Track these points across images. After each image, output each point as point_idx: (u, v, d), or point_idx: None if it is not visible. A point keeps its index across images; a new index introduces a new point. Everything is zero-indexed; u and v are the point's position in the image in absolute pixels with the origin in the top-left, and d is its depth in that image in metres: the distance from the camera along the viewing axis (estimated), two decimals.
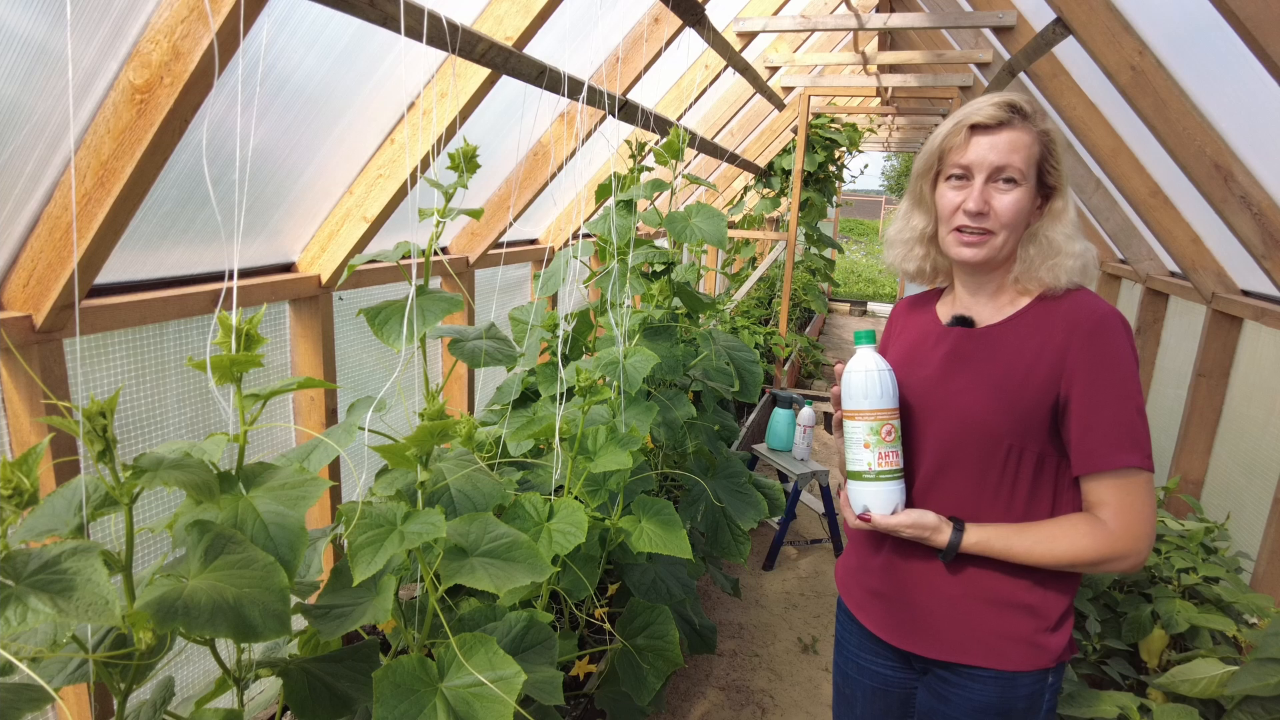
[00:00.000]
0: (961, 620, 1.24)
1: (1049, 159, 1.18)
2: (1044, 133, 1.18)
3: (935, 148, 1.22)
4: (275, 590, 1.02)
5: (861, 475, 1.22)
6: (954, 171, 1.20)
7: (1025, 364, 1.18)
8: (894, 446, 1.21)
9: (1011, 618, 1.21)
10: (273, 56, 1.58)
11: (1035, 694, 1.23)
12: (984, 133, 1.17)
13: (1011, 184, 1.17)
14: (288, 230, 2.06)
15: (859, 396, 1.21)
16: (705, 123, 4.38)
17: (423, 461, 1.22)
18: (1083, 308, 1.18)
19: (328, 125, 1.87)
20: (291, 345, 2.22)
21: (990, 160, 1.16)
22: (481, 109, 2.27)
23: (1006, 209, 1.17)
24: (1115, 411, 1.13)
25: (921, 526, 1.21)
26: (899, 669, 1.37)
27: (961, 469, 1.22)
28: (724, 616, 3.26)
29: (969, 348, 1.25)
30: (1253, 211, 2.12)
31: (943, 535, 1.21)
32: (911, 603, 1.29)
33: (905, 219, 1.34)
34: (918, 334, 1.35)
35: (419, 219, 1.50)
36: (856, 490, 1.24)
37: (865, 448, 1.21)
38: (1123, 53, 2.22)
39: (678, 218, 2.34)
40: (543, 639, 1.45)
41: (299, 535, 1.10)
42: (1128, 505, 1.14)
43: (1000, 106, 1.17)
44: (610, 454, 1.75)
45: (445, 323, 3.07)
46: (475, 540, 1.27)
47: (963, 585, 1.23)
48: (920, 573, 1.27)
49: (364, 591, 1.30)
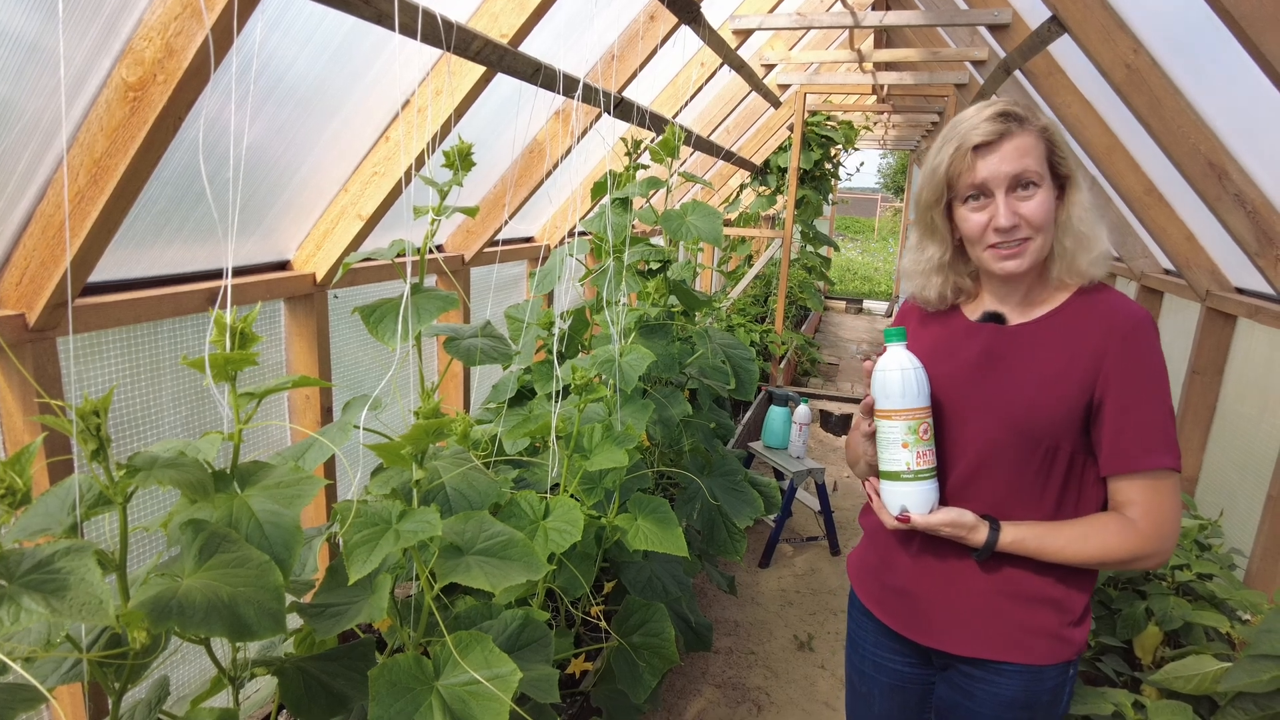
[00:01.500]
0: (990, 616, 1.25)
1: (1055, 151, 1.19)
2: (1043, 129, 1.18)
3: (941, 176, 1.21)
4: (270, 589, 1.02)
5: (899, 475, 1.21)
6: (969, 194, 1.19)
7: (1063, 363, 1.18)
8: (929, 445, 1.21)
9: (1039, 612, 1.23)
10: (267, 54, 1.57)
11: (1059, 686, 1.25)
12: (988, 150, 1.16)
13: (1032, 187, 1.16)
14: (283, 228, 2.05)
15: (896, 396, 1.20)
16: (701, 120, 4.38)
17: (418, 460, 1.22)
18: (1118, 311, 1.18)
19: (322, 123, 1.87)
20: (287, 343, 2.22)
21: (1005, 172, 1.16)
22: (477, 106, 2.27)
23: (1035, 213, 1.17)
24: (1149, 413, 1.15)
25: (960, 525, 1.21)
26: (917, 665, 1.38)
27: (1000, 467, 1.22)
28: (720, 614, 3.26)
29: (1004, 345, 1.24)
30: (1247, 209, 2.13)
31: (980, 534, 1.21)
32: (939, 600, 1.29)
33: (919, 250, 1.32)
34: (941, 328, 1.33)
35: (414, 217, 1.50)
36: (892, 490, 1.22)
37: (904, 448, 1.20)
38: (1117, 51, 2.22)
39: (673, 215, 2.34)
40: (538, 637, 1.45)
41: (294, 534, 1.10)
42: (1157, 505, 1.15)
43: (995, 119, 1.16)
44: (606, 452, 1.75)
45: (441, 320, 3.07)
46: (471, 539, 1.27)
47: (992, 582, 1.24)
48: (951, 570, 1.27)
49: (359, 590, 1.30)
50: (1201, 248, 2.83)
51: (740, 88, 4.31)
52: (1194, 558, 2.12)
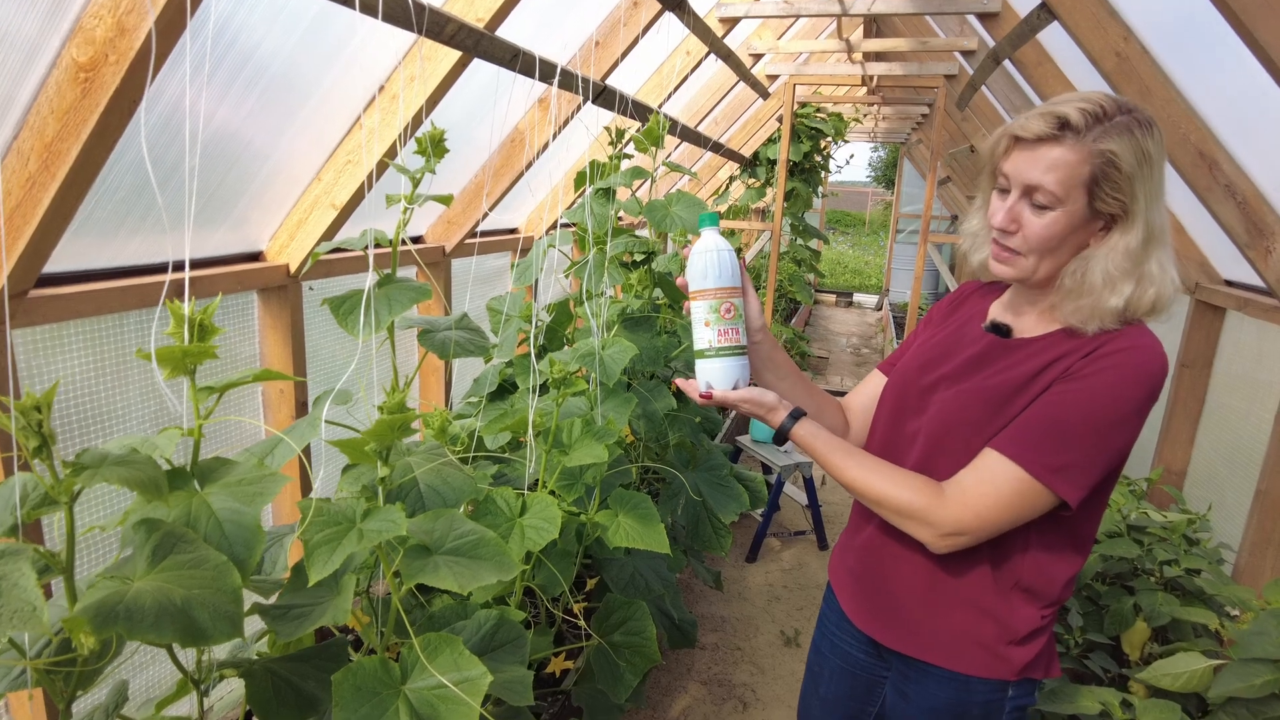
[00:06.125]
0: (927, 614, 1.21)
1: (1105, 183, 1.04)
2: (1102, 153, 1.03)
3: (988, 150, 1.16)
4: (227, 591, 0.97)
5: (704, 353, 1.22)
6: (1000, 179, 1.14)
7: (1023, 380, 1.12)
8: (732, 324, 1.21)
9: (975, 620, 1.18)
10: (232, 32, 1.52)
11: (991, 705, 1.20)
12: (1025, 146, 1.08)
13: (1043, 208, 1.07)
14: (255, 218, 2.00)
15: (699, 277, 1.21)
16: (688, 111, 4.33)
17: (382, 456, 1.17)
18: (1117, 337, 1.08)
19: (293, 108, 1.81)
20: (260, 336, 2.17)
21: (1024, 177, 1.08)
22: (457, 93, 2.22)
23: (1034, 233, 1.08)
24: (1056, 415, 1.06)
25: (759, 404, 1.20)
26: (870, 655, 1.35)
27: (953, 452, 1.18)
28: (706, 609, 3.23)
29: (992, 357, 1.19)
30: (1237, 200, 2.10)
31: (777, 415, 1.20)
32: (882, 588, 1.27)
33: (978, 212, 1.26)
34: (957, 329, 1.29)
35: (386, 205, 1.46)
36: (699, 369, 1.24)
37: (706, 326, 1.21)
38: (1108, 39, 2.18)
39: (657, 206, 2.29)
40: (513, 638, 1.41)
41: (255, 533, 1.06)
42: (978, 492, 1.08)
43: (1046, 119, 1.05)
44: (586, 447, 1.71)
45: (423, 313, 3.02)
46: (440, 537, 1.22)
47: (932, 579, 1.20)
48: (893, 557, 1.24)
49: (324, 590, 1.25)
50: (1191, 240, 2.81)
51: (728, 78, 4.26)
52: (1183, 552, 2.10)
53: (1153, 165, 1.05)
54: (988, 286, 1.35)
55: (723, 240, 1.23)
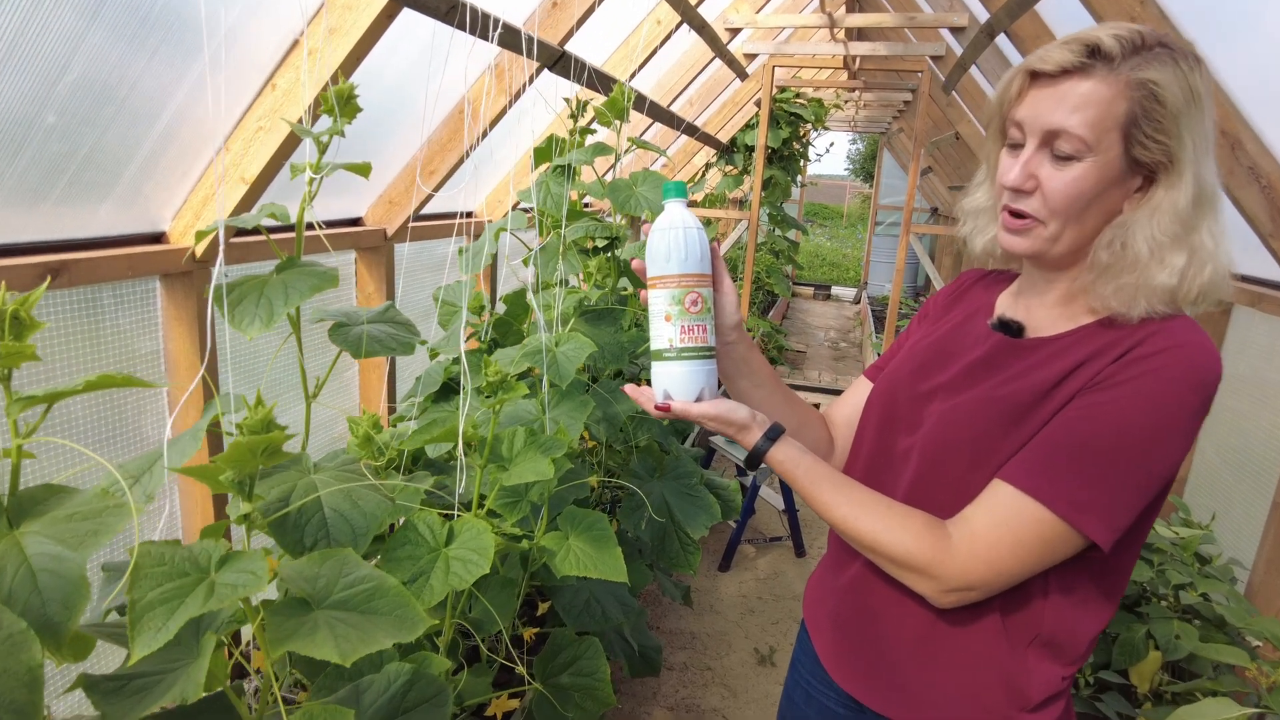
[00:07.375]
0: (920, 670, 0.99)
1: (1146, 122, 0.83)
2: (1142, 83, 0.82)
3: (995, 100, 0.93)
4: (19, 672, 0.72)
5: (662, 354, 0.97)
6: (1012, 131, 0.90)
7: (1040, 390, 0.90)
8: (700, 320, 0.96)
9: (980, 680, 0.96)
10: None
11: None
12: (1044, 83, 0.86)
13: (1067, 159, 0.85)
14: (150, 192, 1.72)
15: (660, 259, 0.96)
16: (660, 88, 4.08)
17: (242, 489, 0.92)
18: (1158, 335, 0.85)
19: (187, 56, 1.53)
20: (164, 329, 1.89)
21: (1043, 121, 0.85)
22: (392, 55, 1.95)
23: (1057, 192, 0.86)
24: (1080, 435, 0.85)
25: (729, 422, 0.97)
26: (851, 711, 1.11)
27: (945, 484, 0.96)
28: (674, 624, 3.00)
29: (1002, 360, 0.97)
30: (1261, 184, 1.89)
31: (750, 436, 0.97)
32: (869, 640, 1.04)
33: (978, 188, 1.05)
34: (954, 327, 1.07)
35: (290, 176, 1.21)
36: (656, 373, 0.99)
37: (666, 320, 0.96)
38: (1121, 3, 1.96)
39: (621, 186, 2.04)
40: (430, 695, 1.17)
41: (77, 587, 0.80)
42: (992, 536, 0.87)
43: (1071, 47, 0.84)
44: (528, 461, 1.47)
45: (360, 302, 2.75)
46: (325, 587, 0.97)
47: (930, 629, 0.98)
48: (884, 602, 1.02)
49: (182, 652, 1.00)
50: None
51: (703, 54, 4.01)
52: (1196, 573, 1.90)
53: (1202, 107, 0.84)
54: (993, 276, 1.13)
55: (690, 216, 0.99)
